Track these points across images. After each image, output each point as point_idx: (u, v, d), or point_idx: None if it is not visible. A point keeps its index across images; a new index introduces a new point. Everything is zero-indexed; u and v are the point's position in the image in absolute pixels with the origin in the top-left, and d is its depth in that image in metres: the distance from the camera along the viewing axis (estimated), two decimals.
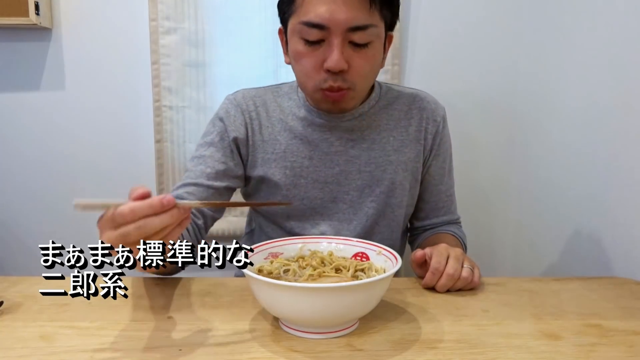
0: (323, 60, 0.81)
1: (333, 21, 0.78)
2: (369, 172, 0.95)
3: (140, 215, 0.52)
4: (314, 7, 0.79)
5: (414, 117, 0.99)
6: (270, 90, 1.00)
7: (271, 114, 0.96)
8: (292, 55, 0.86)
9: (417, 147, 0.98)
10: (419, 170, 1.00)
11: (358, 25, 0.79)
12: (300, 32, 0.82)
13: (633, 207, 0.98)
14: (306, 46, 0.82)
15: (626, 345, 0.60)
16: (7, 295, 0.71)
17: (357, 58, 0.82)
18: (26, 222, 1.60)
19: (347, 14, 0.78)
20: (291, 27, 0.84)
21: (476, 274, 0.77)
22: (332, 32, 0.79)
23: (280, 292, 0.56)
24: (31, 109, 1.54)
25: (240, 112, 0.95)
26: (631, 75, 1.00)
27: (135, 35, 1.49)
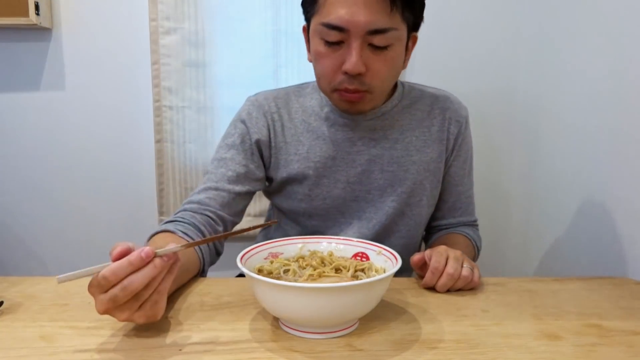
0: (342, 62, 0.81)
1: (352, 23, 0.78)
2: (392, 171, 0.95)
3: (122, 275, 0.52)
4: (335, 9, 0.78)
5: (436, 117, 0.98)
6: (291, 91, 1.00)
7: (293, 115, 0.96)
8: (313, 55, 0.86)
9: (440, 147, 0.98)
10: (440, 170, 1.00)
11: (378, 29, 0.78)
12: (320, 33, 0.82)
13: (633, 207, 0.98)
14: (326, 47, 0.82)
15: (626, 345, 0.60)
16: (7, 295, 0.71)
17: (376, 61, 0.81)
18: (26, 222, 1.60)
19: (366, 17, 0.77)
20: (313, 26, 0.84)
21: (476, 274, 0.77)
22: (351, 34, 0.79)
23: (280, 292, 0.56)
24: (31, 109, 1.54)
25: (262, 113, 0.95)
26: (632, 75, 1.00)
27: (135, 35, 1.50)
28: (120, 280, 0.52)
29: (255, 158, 0.95)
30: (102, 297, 0.53)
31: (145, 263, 0.53)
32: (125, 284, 0.52)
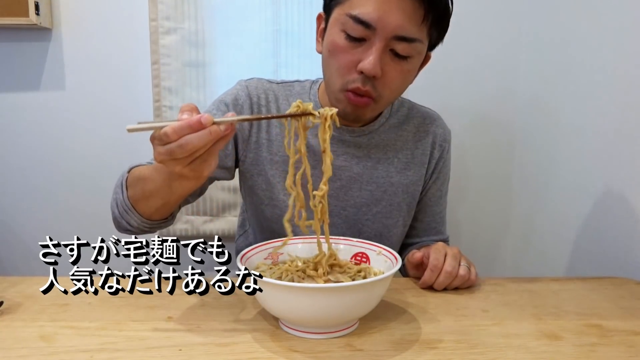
0: (358, 60, 0.77)
1: (382, 23, 0.73)
2: (370, 191, 0.93)
3: (181, 134, 0.58)
4: (366, 3, 0.74)
5: (421, 139, 0.96)
6: (283, 87, 0.95)
7: (281, 112, 0.91)
8: (327, 46, 0.80)
9: (420, 170, 0.96)
10: (418, 192, 0.98)
11: (405, 36, 0.75)
12: (343, 24, 0.76)
13: (633, 208, 0.98)
14: (346, 41, 0.77)
15: (626, 345, 0.60)
16: (7, 295, 0.71)
17: (393, 69, 0.78)
18: (26, 222, 1.60)
19: (397, 20, 0.74)
20: (335, 16, 0.79)
21: (473, 273, 0.78)
22: (377, 33, 0.74)
23: (280, 292, 0.56)
24: (31, 109, 1.54)
25: (250, 104, 0.91)
26: (631, 75, 1.00)
27: (135, 35, 1.49)
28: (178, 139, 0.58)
29: (229, 146, 0.90)
30: (160, 148, 0.60)
31: (204, 127, 0.58)
32: (182, 142, 0.58)
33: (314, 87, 0.94)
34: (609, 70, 1.08)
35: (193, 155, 0.59)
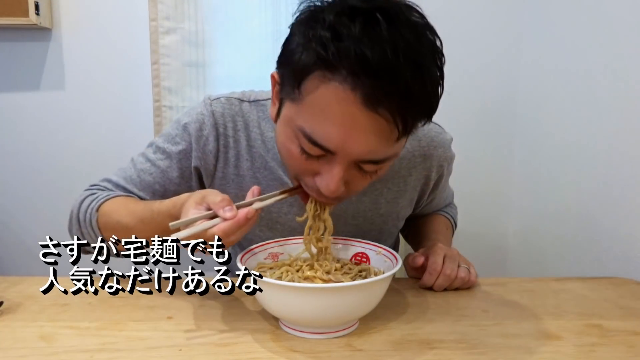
0: (316, 171, 0.62)
1: (344, 150, 0.58)
2: (356, 224, 0.84)
3: (230, 234, 0.58)
4: (325, 124, 0.57)
5: (416, 166, 0.83)
6: (255, 108, 0.81)
7: (252, 144, 0.80)
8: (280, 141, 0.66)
9: (413, 194, 0.87)
10: (409, 212, 0.91)
11: (374, 159, 0.60)
12: (297, 136, 0.60)
13: (633, 208, 0.98)
14: (301, 153, 0.61)
15: (626, 346, 0.60)
16: (7, 295, 0.71)
17: (360, 179, 0.64)
18: (26, 222, 1.60)
19: (364, 147, 0.58)
20: (287, 113, 0.62)
21: (472, 273, 0.78)
22: (338, 156, 0.59)
23: (281, 292, 0.56)
24: (31, 109, 1.54)
25: (215, 135, 0.78)
26: (631, 75, 1.00)
27: (135, 35, 1.49)
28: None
29: (193, 180, 0.81)
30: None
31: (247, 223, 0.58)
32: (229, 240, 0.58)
33: None
34: (609, 70, 1.08)
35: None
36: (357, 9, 0.55)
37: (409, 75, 0.53)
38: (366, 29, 0.53)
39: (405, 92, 0.54)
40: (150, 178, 0.81)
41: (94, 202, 0.79)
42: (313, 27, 0.56)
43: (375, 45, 0.52)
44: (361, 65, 0.53)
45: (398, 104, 0.54)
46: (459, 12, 1.50)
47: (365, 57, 0.52)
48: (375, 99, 0.53)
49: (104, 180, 0.85)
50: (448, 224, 1.00)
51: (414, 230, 1.00)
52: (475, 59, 1.52)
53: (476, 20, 1.50)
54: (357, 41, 0.53)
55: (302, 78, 0.57)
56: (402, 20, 0.55)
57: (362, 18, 0.54)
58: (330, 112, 0.56)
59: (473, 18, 1.50)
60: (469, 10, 1.50)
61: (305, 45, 0.56)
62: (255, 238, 0.82)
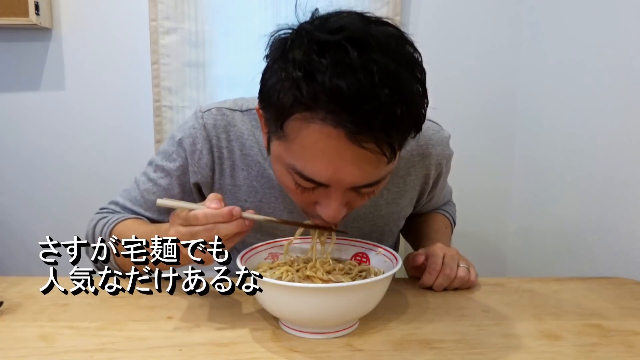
0: (316, 201, 0.63)
1: (336, 181, 0.59)
2: (357, 227, 0.84)
3: (212, 221, 0.58)
4: (312, 160, 0.57)
5: (415, 165, 0.83)
6: (248, 118, 0.80)
7: (247, 152, 0.79)
8: (277, 177, 0.66)
9: (412, 193, 0.87)
10: (410, 211, 0.90)
11: (367, 184, 0.61)
12: (289, 172, 0.61)
13: (633, 208, 0.98)
14: (296, 186, 0.62)
15: (626, 345, 0.60)
16: (7, 295, 0.71)
17: (359, 200, 0.64)
18: (26, 222, 1.60)
19: (355, 176, 0.58)
20: (276, 151, 0.62)
21: (472, 273, 0.78)
22: (332, 187, 0.60)
23: (281, 292, 0.56)
24: (31, 109, 1.54)
25: (209, 148, 0.78)
26: (631, 75, 1.00)
27: (135, 35, 1.50)
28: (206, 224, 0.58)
29: (194, 194, 0.82)
30: (182, 229, 0.59)
31: (233, 219, 0.58)
32: (209, 227, 0.58)
33: None
34: (609, 70, 1.08)
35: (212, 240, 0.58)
36: (324, 42, 0.54)
37: (389, 100, 0.52)
38: (336, 61, 0.52)
39: (387, 119, 0.53)
40: (154, 197, 0.82)
41: (106, 226, 0.81)
42: (284, 67, 0.56)
43: (348, 76, 0.51)
44: (338, 101, 0.52)
45: (383, 133, 0.54)
46: (460, 12, 1.50)
47: (341, 91, 0.51)
48: (359, 133, 0.53)
49: (112, 203, 0.87)
50: (447, 223, 1.00)
51: (413, 229, 1.00)
52: (476, 59, 1.52)
53: (476, 20, 1.50)
54: (330, 76, 0.51)
55: (284, 119, 0.57)
56: (372, 44, 0.53)
57: (331, 51, 0.53)
58: (316, 150, 0.56)
59: (473, 18, 1.50)
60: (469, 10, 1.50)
61: (281, 86, 0.56)
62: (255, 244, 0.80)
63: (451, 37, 1.51)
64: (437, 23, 1.49)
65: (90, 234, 0.82)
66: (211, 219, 0.58)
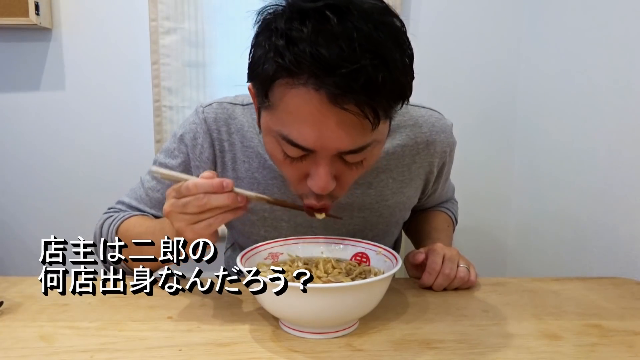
0: (306, 173, 0.64)
1: (321, 146, 0.59)
2: (363, 217, 0.84)
3: (202, 190, 0.58)
4: (298, 124, 0.58)
5: (419, 152, 0.83)
6: (249, 111, 0.82)
7: (247, 144, 0.80)
8: (267, 151, 0.68)
9: (418, 183, 0.87)
10: (415, 201, 0.91)
11: (353, 149, 0.61)
12: (278, 141, 0.62)
13: (633, 208, 0.98)
14: (285, 157, 0.63)
15: (626, 346, 0.60)
16: (7, 295, 0.71)
17: (348, 173, 0.64)
18: (26, 222, 1.60)
19: (339, 139, 0.58)
20: (265, 122, 0.64)
21: (472, 273, 0.78)
22: (318, 153, 0.61)
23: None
24: (31, 109, 1.54)
25: (210, 141, 0.80)
26: (631, 75, 1.00)
27: (135, 35, 1.50)
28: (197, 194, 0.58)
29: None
30: (175, 201, 0.60)
31: (224, 191, 0.58)
32: (200, 197, 0.58)
33: None
34: (609, 69, 1.08)
35: (202, 215, 0.59)
36: (306, 11, 0.55)
37: (370, 66, 0.53)
38: (318, 28, 0.54)
39: (368, 84, 0.54)
40: (159, 194, 0.83)
41: (112, 224, 0.81)
42: (269, 37, 0.57)
43: (329, 43, 0.53)
44: (319, 66, 0.53)
45: (364, 96, 0.55)
46: (460, 12, 1.50)
47: (322, 56, 0.53)
48: (340, 96, 0.54)
49: (119, 203, 0.88)
50: (449, 221, 1.00)
51: (415, 226, 1.00)
52: (476, 60, 1.52)
53: (476, 22, 1.50)
54: (311, 43, 0.53)
55: (268, 87, 0.59)
56: (353, 11, 0.55)
57: (312, 19, 0.54)
58: (300, 114, 0.58)
59: (473, 19, 1.50)
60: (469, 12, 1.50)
61: (265, 56, 0.58)
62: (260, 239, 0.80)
63: (451, 37, 1.51)
64: (437, 23, 1.50)
65: (98, 234, 0.82)
66: (201, 188, 0.58)
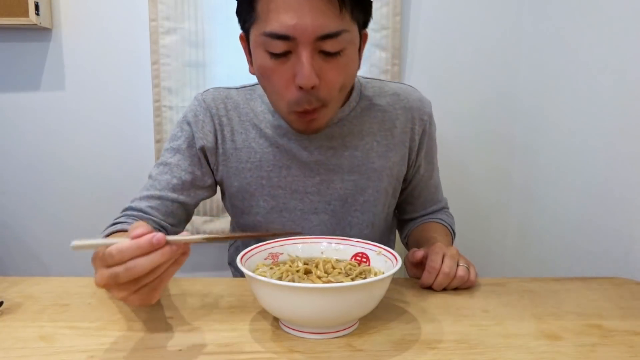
0: (293, 75, 0.73)
1: (299, 30, 0.69)
2: (353, 180, 0.90)
3: (128, 257, 0.51)
4: (277, 16, 0.69)
5: (399, 117, 0.92)
6: (243, 92, 0.92)
7: (244, 119, 0.89)
8: (258, 70, 0.77)
9: (402, 150, 0.93)
10: (403, 172, 0.95)
11: (328, 33, 0.70)
12: (264, 44, 0.72)
13: (633, 207, 0.98)
14: (272, 60, 0.73)
15: (626, 346, 0.60)
16: (7, 295, 0.71)
17: (329, 70, 0.73)
18: (26, 222, 1.60)
19: (314, 22, 0.69)
20: (254, 38, 0.75)
21: (472, 273, 0.78)
22: (299, 42, 0.70)
23: (280, 292, 0.56)
24: (31, 109, 1.54)
25: (210, 116, 0.88)
26: (632, 75, 1.00)
27: (135, 35, 1.49)
28: (125, 261, 0.51)
29: (202, 164, 0.89)
30: (103, 271, 0.52)
31: (154, 249, 0.51)
32: (129, 265, 0.50)
33: None
34: (609, 70, 1.08)
35: (140, 281, 0.52)
36: None
37: None
38: None
39: None
40: (167, 176, 0.87)
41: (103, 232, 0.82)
42: None
43: None
44: None
45: None
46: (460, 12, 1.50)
47: None
48: None
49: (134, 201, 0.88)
50: (447, 231, 1.01)
51: (413, 238, 1.01)
52: (476, 60, 1.52)
53: (477, 22, 1.50)
54: None
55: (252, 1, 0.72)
56: None
57: None
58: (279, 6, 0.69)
59: (473, 19, 1.50)
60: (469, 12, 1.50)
61: None
62: (261, 211, 0.90)
63: (451, 38, 1.51)
64: (437, 23, 1.49)
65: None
66: (127, 254, 0.50)
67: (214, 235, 0.59)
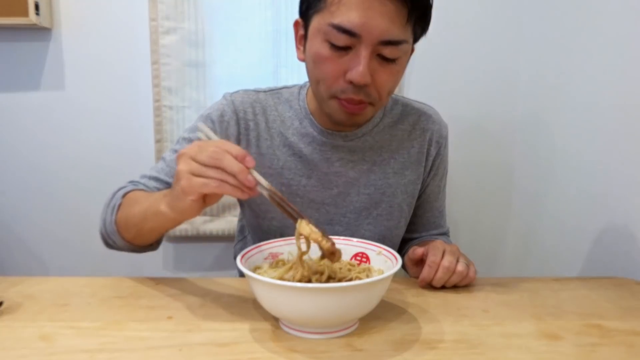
0: (345, 69, 0.75)
1: (366, 30, 0.71)
2: (368, 194, 0.92)
3: (223, 148, 0.60)
4: (348, 11, 0.71)
5: (417, 137, 0.95)
6: (271, 96, 0.93)
7: (271, 125, 0.90)
8: (311, 56, 0.78)
9: (418, 169, 0.95)
10: (417, 191, 0.97)
11: (391, 40, 0.73)
12: (326, 34, 0.74)
13: (633, 208, 0.98)
14: (331, 50, 0.75)
15: (626, 346, 0.60)
16: (7, 295, 0.71)
17: (382, 73, 0.76)
18: (26, 222, 1.60)
19: (382, 25, 0.71)
20: (316, 25, 0.76)
21: (471, 270, 0.78)
22: (363, 41, 0.72)
23: (281, 292, 0.56)
24: (31, 109, 1.54)
25: (236, 119, 0.89)
26: (632, 76, 1.00)
27: (135, 35, 1.49)
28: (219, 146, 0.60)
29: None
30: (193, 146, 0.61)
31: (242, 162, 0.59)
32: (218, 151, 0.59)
33: (302, 92, 0.92)
34: (609, 73, 1.08)
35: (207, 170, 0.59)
36: None
37: None
38: None
39: None
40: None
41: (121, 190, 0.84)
42: None
43: None
44: None
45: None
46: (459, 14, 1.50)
47: None
48: None
49: (142, 177, 0.90)
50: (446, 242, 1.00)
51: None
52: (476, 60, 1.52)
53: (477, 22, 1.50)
54: None
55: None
56: None
57: None
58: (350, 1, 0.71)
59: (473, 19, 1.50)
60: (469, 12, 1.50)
61: None
62: (277, 216, 0.90)
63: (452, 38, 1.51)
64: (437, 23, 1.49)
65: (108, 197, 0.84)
66: (224, 146, 0.60)
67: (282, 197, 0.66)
